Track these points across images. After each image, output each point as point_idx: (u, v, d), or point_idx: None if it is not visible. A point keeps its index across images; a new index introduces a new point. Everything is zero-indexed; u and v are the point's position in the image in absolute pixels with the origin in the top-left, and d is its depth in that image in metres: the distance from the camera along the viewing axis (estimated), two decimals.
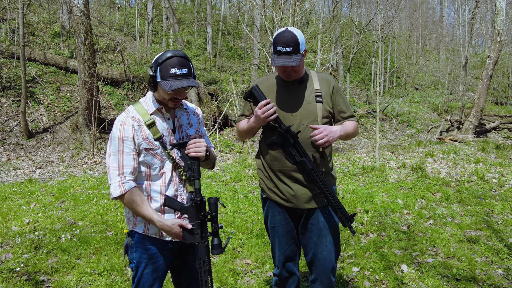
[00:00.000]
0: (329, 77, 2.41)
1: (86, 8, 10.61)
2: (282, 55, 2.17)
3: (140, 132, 1.91)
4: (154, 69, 1.88)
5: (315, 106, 2.30)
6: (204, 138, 2.20)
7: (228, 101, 12.52)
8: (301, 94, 2.32)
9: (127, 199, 1.88)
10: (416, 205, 5.30)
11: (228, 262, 3.68)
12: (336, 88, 2.38)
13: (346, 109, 2.40)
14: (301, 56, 2.19)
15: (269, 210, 2.44)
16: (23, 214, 4.90)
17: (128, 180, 1.89)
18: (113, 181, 1.88)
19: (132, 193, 1.89)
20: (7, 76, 12.14)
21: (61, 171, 9.06)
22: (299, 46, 2.18)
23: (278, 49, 2.17)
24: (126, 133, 1.89)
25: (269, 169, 2.39)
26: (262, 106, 2.16)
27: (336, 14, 19.42)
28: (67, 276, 3.43)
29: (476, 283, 3.30)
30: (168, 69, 1.84)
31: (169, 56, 1.86)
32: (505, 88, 23.39)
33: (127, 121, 1.91)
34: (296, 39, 2.17)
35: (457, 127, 14.71)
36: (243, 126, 2.42)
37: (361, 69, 22.30)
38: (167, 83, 1.84)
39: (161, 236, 2.01)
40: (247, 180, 6.60)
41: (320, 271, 2.36)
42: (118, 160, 1.88)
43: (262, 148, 2.43)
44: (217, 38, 21.26)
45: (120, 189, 1.86)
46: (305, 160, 2.22)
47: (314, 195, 2.30)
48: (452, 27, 34.57)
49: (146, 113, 1.95)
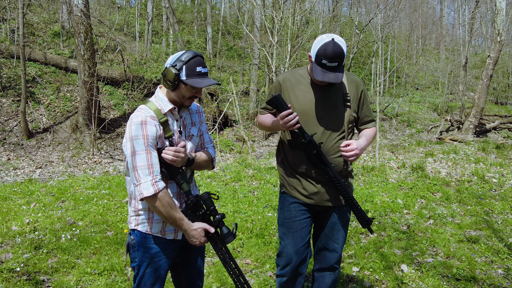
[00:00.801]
0: (358, 81, 2.37)
1: (86, 8, 10.62)
2: (327, 70, 2.09)
3: (159, 131, 1.93)
4: (179, 67, 1.89)
5: (343, 111, 2.28)
6: (205, 135, 2.21)
7: (228, 101, 12.52)
8: (330, 97, 2.28)
9: (161, 200, 1.84)
10: (416, 205, 5.30)
11: None
12: (364, 92, 2.37)
13: (369, 113, 2.42)
14: (343, 68, 2.14)
15: (285, 206, 2.43)
16: (23, 214, 4.90)
17: (160, 179, 1.87)
18: (143, 180, 1.83)
19: (166, 193, 1.87)
20: (7, 76, 12.14)
21: (61, 171, 9.07)
22: (344, 60, 2.11)
23: (323, 62, 2.08)
24: (150, 132, 1.87)
25: (291, 165, 2.38)
26: (283, 117, 2.11)
27: (336, 14, 19.42)
28: (67, 276, 3.43)
29: (476, 283, 3.30)
30: (194, 67, 1.89)
31: (193, 55, 1.91)
32: (505, 88, 23.40)
33: (148, 120, 1.88)
34: (343, 53, 2.08)
35: (457, 127, 14.71)
36: (265, 121, 2.40)
37: (361, 69, 22.30)
38: (196, 81, 1.89)
39: (163, 235, 2.01)
40: (247, 180, 6.60)
41: (328, 260, 2.44)
42: (146, 159, 1.85)
43: (284, 144, 2.42)
44: (217, 38, 21.26)
45: (154, 187, 1.82)
46: (328, 169, 2.21)
47: (335, 194, 2.33)
48: (452, 27, 34.60)
49: (160, 112, 1.96)
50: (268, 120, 2.37)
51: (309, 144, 2.18)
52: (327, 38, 2.10)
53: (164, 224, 2.00)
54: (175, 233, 2.04)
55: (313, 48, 2.15)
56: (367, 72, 21.13)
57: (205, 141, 2.21)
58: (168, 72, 1.90)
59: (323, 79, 2.09)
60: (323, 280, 2.49)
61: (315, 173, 2.30)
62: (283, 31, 10.69)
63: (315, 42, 2.16)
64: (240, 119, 10.94)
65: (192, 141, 2.09)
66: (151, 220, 2.00)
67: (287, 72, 2.41)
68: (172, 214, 1.88)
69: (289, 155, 2.38)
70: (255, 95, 14.63)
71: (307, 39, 12.28)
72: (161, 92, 2.02)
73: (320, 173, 2.28)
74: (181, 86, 1.93)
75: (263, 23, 12.40)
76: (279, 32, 10.09)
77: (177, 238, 2.05)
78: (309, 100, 2.27)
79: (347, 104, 2.29)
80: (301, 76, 2.33)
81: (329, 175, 2.22)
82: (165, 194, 1.86)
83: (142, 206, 1.99)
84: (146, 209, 1.99)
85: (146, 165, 1.84)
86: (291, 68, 9.88)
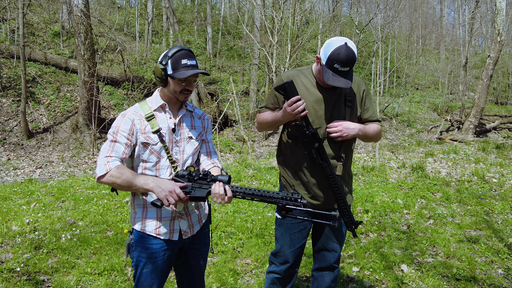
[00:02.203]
0: (360, 81, 2.37)
1: (86, 8, 10.61)
2: (338, 75, 2.07)
3: (139, 125, 1.96)
4: (165, 62, 1.94)
5: (344, 110, 2.29)
6: (209, 144, 2.21)
7: (228, 101, 12.52)
8: (332, 96, 2.28)
9: (113, 175, 1.84)
10: (416, 205, 5.30)
11: (228, 262, 3.68)
12: (366, 92, 2.37)
13: (372, 113, 2.40)
14: (352, 73, 2.14)
15: None
16: (23, 214, 4.90)
17: (114, 160, 1.88)
18: (98, 163, 1.87)
19: (119, 167, 1.87)
20: (7, 76, 12.14)
21: (61, 171, 9.07)
22: (354, 65, 2.10)
23: (335, 67, 2.06)
24: (124, 124, 1.94)
25: (291, 167, 2.38)
26: (292, 103, 2.10)
27: (336, 14, 19.43)
28: (67, 276, 3.43)
29: (476, 283, 3.30)
30: (179, 60, 1.92)
31: (178, 49, 1.94)
32: (505, 88, 23.40)
33: (128, 113, 1.97)
34: (355, 58, 2.06)
35: (457, 127, 14.72)
36: (266, 118, 2.37)
37: (361, 69, 22.30)
38: (181, 72, 1.91)
39: (158, 235, 2.01)
40: (247, 180, 6.60)
41: (328, 260, 2.46)
42: (109, 146, 1.91)
43: (285, 146, 2.42)
44: (217, 38, 21.26)
45: (105, 167, 1.85)
46: (326, 165, 2.20)
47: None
48: (452, 27, 34.60)
49: (149, 108, 2.01)
50: (269, 116, 2.35)
51: (313, 136, 2.17)
52: (340, 42, 2.06)
53: (157, 222, 2.00)
54: (170, 234, 2.03)
55: (324, 51, 2.11)
56: (367, 72, 21.12)
57: (210, 151, 2.22)
58: (156, 69, 1.97)
59: (334, 83, 2.06)
60: (322, 280, 2.50)
61: (315, 174, 2.29)
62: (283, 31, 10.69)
63: (327, 44, 2.12)
64: (240, 119, 10.94)
65: (190, 143, 2.09)
66: (145, 218, 2.01)
67: (291, 70, 2.41)
68: (130, 180, 1.86)
69: (289, 156, 2.38)
70: (255, 95, 14.63)
71: (307, 39, 12.27)
72: (158, 91, 2.08)
73: (319, 172, 2.27)
74: (170, 81, 1.97)
75: (263, 23, 12.40)
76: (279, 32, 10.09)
77: (173, 238, 2.04)
78: (312, 99, 2.27)
79: (348, 104, 2.29)
80: (305, 76, 2.33)
81: (325, 172, 2.21)
82: (117, 169, 1.85)
83: (137, 203, 2.02)
84: (141, 206, 2.02)
85: (107, 150, 1.90)
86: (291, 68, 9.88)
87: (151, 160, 1.97)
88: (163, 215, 2.00)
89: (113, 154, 1.89)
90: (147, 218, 2.00)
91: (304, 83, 2.31)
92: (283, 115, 2.18)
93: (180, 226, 2.05)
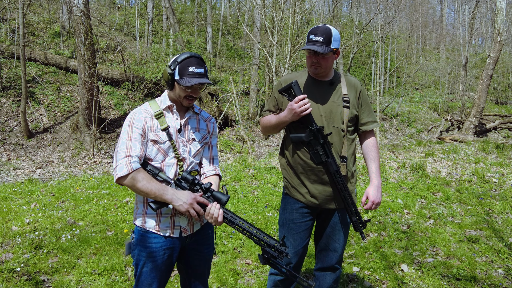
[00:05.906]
0: (356, 82, 2.43)
1: (86, 8, 10.61)
2: (312, 43, 2.21)
3: (150, 123, 1.99)
4: (173, 67, 1.97)
5: (342, 110, 2.33)
6: (212, 149, 2.23)
7: (228, 101, 12.51)
8: (329, 95, 2.34)
9: (135, 178, 1.84)
10: (416, 204, 5.30)
11: (228, 262, 3.68)
12: (363, 93, 2.42)
13: (369, 114, 2.44)
14: (330, 50, 2.21)
15: (287, 207, 2.46)
16: (23, 214, 4.90)
17: (135, 161, 1.89)
18: (119, 162, 1.86)
19: (139, 171, 1.88)
20: (7, 76, 12.14)
21: (61, 171, 9.07)
22: (330, 40, 2.21)
23: (310, 38, 2.22)
24: (137, 121, 1.96)
25: (294, 167, 2.40)
26: (299, 100, 2.17)
27: (336, 14, 19.42)
28: (68, 276, 3.43)
29: (476, 282, 3.30)
30: (186, 67, 1.95)
31: (188, 56, 1.97)
32: (505, 88, 23.40)
33: (139, 111, 2.01)
34: (329, 32, 2.21)
35: (457, 126, 14.71)
36: (269, 120, 2.42)
37: (361, 69, 22.30)
38: (186, 80, 1.94)
39: (158, 231, 2.02)
40: (247, 180, 6.60)
41: (329, 260, 2.46)
42: (126, 144, 1.91)
43: (287, 146, 2.45)
44: (217, 38, 21.26)
45: (127, 167, 1.84)
46: (331, 161, 2.23)
47: (336, 196, 2.34)
48: (452, 26, 34.60)
49: (158, 107, 2.05)
50: (273, 119, 2.39)
51: (317, 132, 2.20)
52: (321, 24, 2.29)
53: (158, 219, 2.01)
54: (171, 230, 2.04)
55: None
56: (367, 72, 21.12)
57: (213, 155, 2.23)
58: (164, 72, 2.02)
59: (306, 47, 2.21)
60: (324, 280, 2.51)
61: (317, 170, 2.31)
62: (283, 31, 10.68)
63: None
64: (240, 119, 10.93)
65: (193, 145, 2.11)
66: (145, 214, 2.02)
67: (287, 74, 2.49)
68: (149, 186, 1.86)
69: (291, 153, 2.40)
70: (255, 95, 14.63)
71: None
72: (167, 92, 2.13)
73: (322, 171, 2.28)
74: (176, 86, 2.01)
75: (263, 23, 12.40)
76: (279, 32, 10.08)
77: (173, 235, 2.04)
78: (310, 97, 2.31)
79: (345, 104, 2.33)
80: (301, 77, 2.40)
81: (330, 169, 2.23)
82: (139, 173, 1.87)
83: (139, 199, 2.04)
84: (142, 202, 2.03)
85: (125, 149, 1.90)
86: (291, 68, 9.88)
87: (157, 159, 1.99)
88: (163, 212, 2.02)
89: (133, 153, 1.90)
90: (148, 214, 2.02)
91: (301, 83, 2.38)
92: (288, 114, 2.23)
93: (180, 223, 2.06)
